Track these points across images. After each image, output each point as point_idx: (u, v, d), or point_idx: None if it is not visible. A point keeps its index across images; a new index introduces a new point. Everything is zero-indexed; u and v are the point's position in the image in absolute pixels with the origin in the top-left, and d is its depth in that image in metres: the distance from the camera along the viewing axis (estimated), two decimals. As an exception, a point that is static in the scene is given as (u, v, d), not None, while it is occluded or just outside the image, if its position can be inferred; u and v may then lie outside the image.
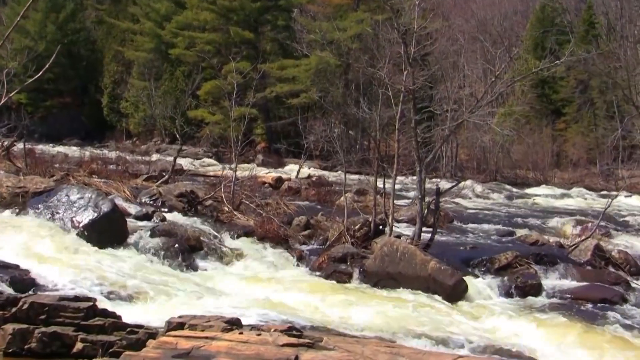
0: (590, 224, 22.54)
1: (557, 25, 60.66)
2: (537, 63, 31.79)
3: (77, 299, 9.51)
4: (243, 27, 57.83)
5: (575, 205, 33.54)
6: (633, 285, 16.42)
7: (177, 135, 30.42)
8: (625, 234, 24.25)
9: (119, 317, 9.34)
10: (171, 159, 31.23)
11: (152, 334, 8.75)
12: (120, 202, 19.85)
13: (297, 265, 17.44)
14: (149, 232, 17.33)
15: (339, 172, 33.60)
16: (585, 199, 36.84)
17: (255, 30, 59.17)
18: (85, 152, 36.89)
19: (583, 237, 19.75)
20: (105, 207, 17.04)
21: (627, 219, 27.28)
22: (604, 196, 33.51)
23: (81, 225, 16.62)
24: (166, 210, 20.87)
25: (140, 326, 9.13)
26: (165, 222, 18.78)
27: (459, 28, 64.49)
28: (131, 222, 18.23)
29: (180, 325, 8.59)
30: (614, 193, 26.51)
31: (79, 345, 8.49)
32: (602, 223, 22.01)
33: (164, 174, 27.98)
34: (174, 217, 20.10)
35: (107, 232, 16.59)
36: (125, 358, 7.81)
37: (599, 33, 57.45)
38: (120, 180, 24.07)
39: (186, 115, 46.92)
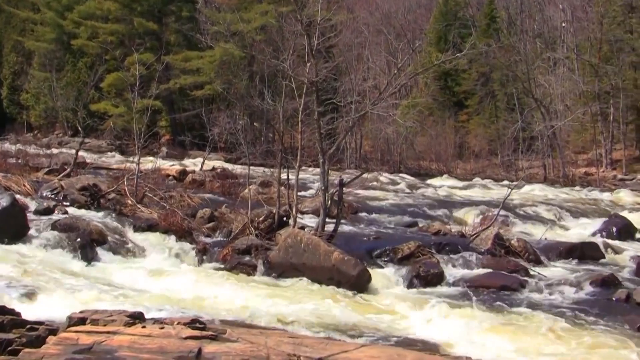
0: (490, 214, 22.97)
1: (459, 19, 61.71)
2: (439, 56, 32.25)
3: (-26, 295, 9.30)
4: (147, 18, 57.29)
5: (477, 195, 34.04)
6: (531, 272, 16.82)
7: (80, 128, 30.01)
8: (524, 223, 24.78)
9: (19, 314, 9.14)
10: (73, 152, 30.73)
11: (53, 330, 8.57)
12: (20, 196, 19.50)
13: (201, 257, 17.37)
14: (49, 227, 17.10)
15: (244, 164, 33.52)
16: (487, 189, 37.48)
17: (159, 21, 58.69)
18: (-17, 145, 35.97)
19: (484, 227, 20.09)
20: (4, 202, 16.76)
21: (525, 208, 27.85)
22: (504, 186, 34.11)
23: (-21, 220, 16.29)
24: (68, 204, 20.64)
25: (40, 323, 8.95)
26: (67, 216, 18.56)
27: (363, 20, 64.96)
28: (31, 217, 17.94)
29: (81, 321, 8.44)
30: (514, 183, 27.04)
31: (-25, 344, 8.29)
32: (502, 212, 22.44)
33: (65, 167, 27.55)
34: (76, 211, 19.88)
35: (6, 227, 16.30)
36: (24, 356, 7.64)
37: (500, 27, 58.53)
38: (21, 174, 23.69)
39: (89, 108, 46.34)
